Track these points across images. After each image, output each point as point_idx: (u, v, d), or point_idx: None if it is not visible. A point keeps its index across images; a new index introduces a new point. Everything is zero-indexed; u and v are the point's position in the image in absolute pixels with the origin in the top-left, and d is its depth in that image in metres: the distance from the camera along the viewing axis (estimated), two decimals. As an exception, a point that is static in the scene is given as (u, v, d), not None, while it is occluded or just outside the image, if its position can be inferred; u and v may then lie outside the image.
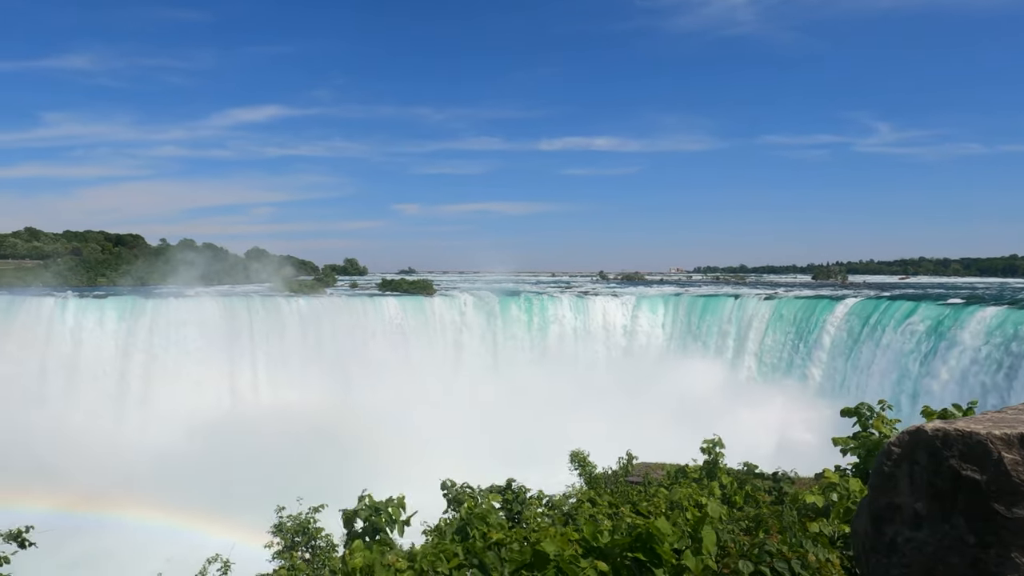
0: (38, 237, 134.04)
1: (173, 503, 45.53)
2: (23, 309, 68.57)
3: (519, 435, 49.04)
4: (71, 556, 8.55)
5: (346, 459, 46.54)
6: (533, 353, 71.48)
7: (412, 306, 75.22)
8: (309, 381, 65.44)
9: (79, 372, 65.60)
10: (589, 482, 17.95)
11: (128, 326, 67.85)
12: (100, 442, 57.37)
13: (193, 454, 52.33)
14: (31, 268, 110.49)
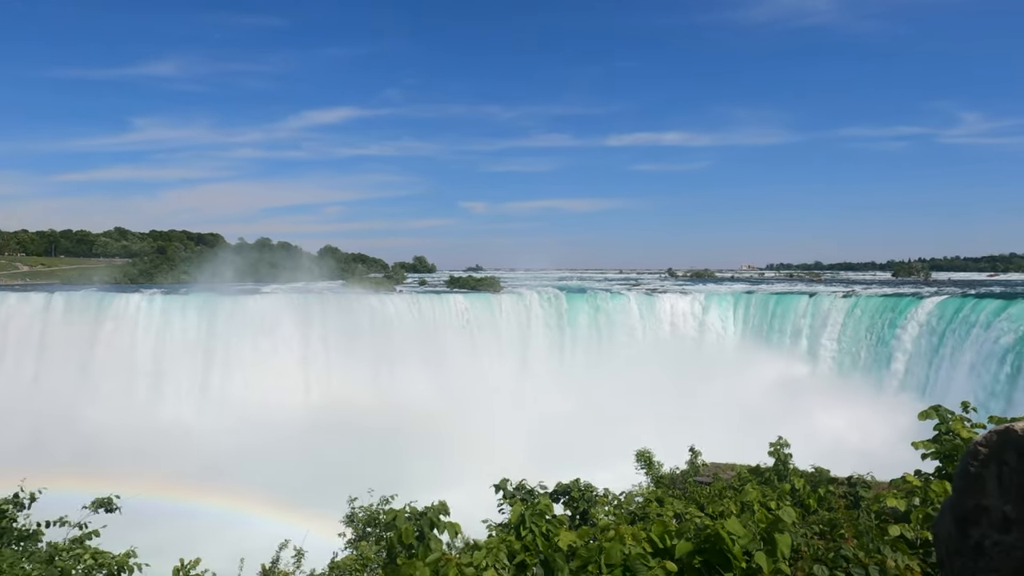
0: (126, 236, 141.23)
1: (249, 492, 47.21)
2: (113, 305, 72.41)
3: (584, 433, 48.80)
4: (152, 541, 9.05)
5: (414, 454, 47.30)
6: (599, 351, 70.99)
7: (479, 303, 75.77)
8: (378, 377, 66.81)
9: (163, 365, 68.81)
10: (656, 482, 17.73)
11: (208, 322, 70.77)
12: (182, 432, 60.04)
13: (268, 445, 54.14)
14: (120, 266, 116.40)
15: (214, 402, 65.85)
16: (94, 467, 44.09)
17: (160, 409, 65.86)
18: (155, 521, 34.55)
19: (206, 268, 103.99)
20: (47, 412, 64.96)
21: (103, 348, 69.83)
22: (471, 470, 24.43)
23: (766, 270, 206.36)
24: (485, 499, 11.40)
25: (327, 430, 54.70)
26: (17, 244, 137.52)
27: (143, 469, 48.10)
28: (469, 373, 65.42)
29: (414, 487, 12.40)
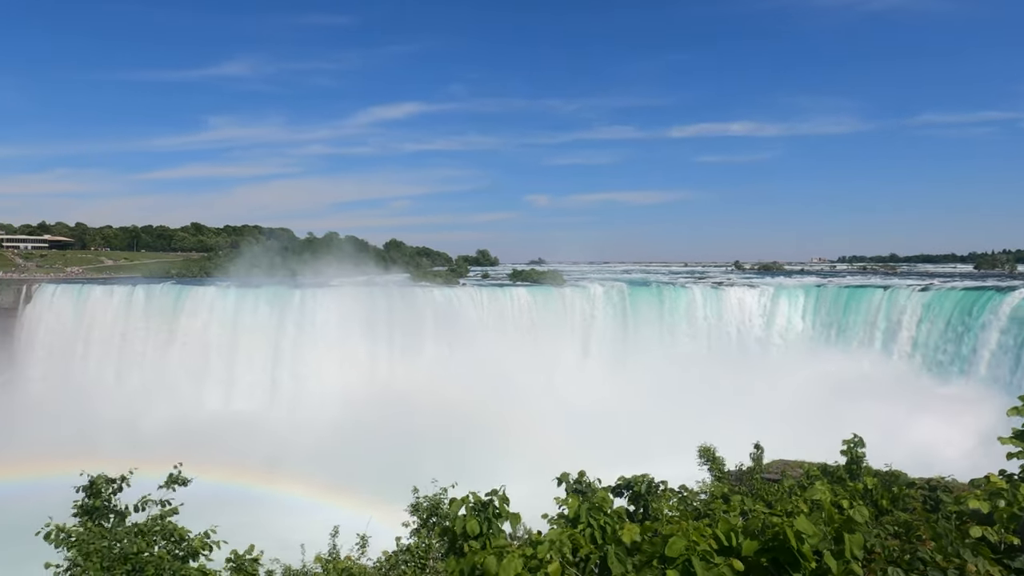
0: (202, 232, 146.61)
1: (315, 479, 48.57)
2: (189, 297, 75.46)
3: (648, 427, 48.30)
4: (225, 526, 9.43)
5: (476, 444, 47.73)
6: (663, 344, 70.04)
7: (542, 296, 75.80)
8: (443, 368, 67.59)
9: (235, 356, 71.38)
10: (720, 478, 17.43)
11: (279, 314, 73.05)
12: (252, 420, 62.18)
13: (336, 435, 55.53)
14: (196, 260, 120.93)
15: (282, 392, 67.93)
16: (168, 452, 45.93)
17: (232, 398, 68.36)
18: (226, 505, 35.86)
19: (277, 262, 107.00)
20: (127, 399, 68.18)
21: (179, 338, 72.89)
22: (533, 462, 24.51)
23: (838, 263, 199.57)
24: (546, 491, 11.40)
25: (391, 420, 55.72)
26: (102, 239, 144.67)
27: (215, 455, 49.96)
28: (531, 366, 65.53)
29: (475, 477, 12.49)
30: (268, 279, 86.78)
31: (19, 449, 54.14)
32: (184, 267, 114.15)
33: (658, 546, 6.37)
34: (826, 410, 47.24)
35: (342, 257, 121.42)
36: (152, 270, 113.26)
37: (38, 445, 54.15)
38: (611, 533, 8.37)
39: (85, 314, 76.11)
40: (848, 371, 59.45)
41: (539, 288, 79.31)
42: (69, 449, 49.64)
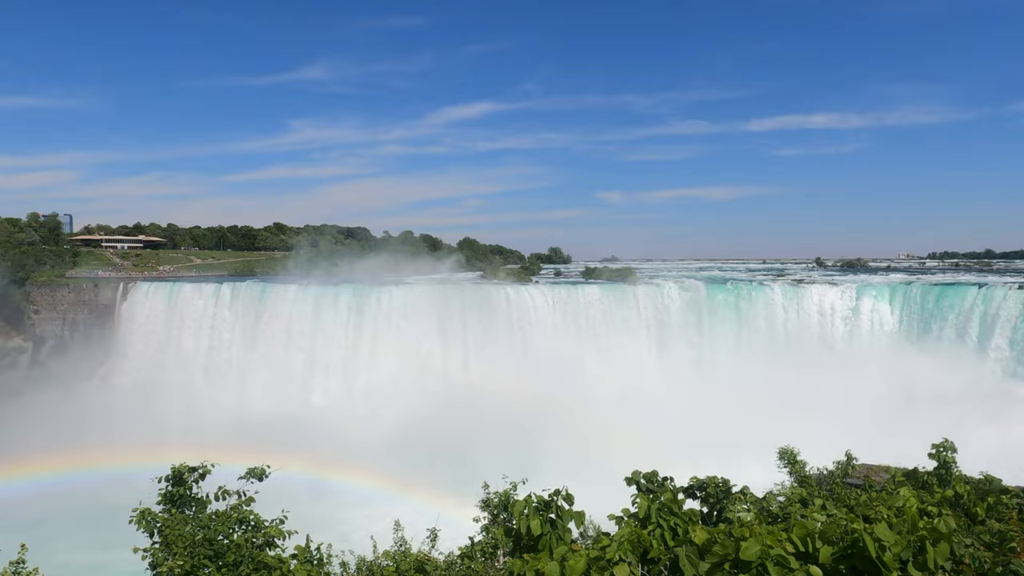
0: (284, 231, 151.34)
1: (390, 471, 49.59)
2: (272, 294, 78.31)
3: (722, 428, 47.27)
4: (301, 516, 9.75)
5: (547, 440, 47.81)
6: (740, 343, 68.25)
7: (614, 294, 75.16)
8: (515, 364, 67.95)
9: (315, 351, 73.66)
10: (800, 481, 16.85)
11: (356, 311, 75.00)
12: (331, 414, 64.01)
13: (409, 428, 56.60)
14: (279, 259, 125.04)
15: (359, 386, 69.64)
16: (250, 444, 47.85)
17: (311, 392, 70.56)
18: (303, 496, 37.09)
19: (354, 260, 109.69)
20: (212, 392, 71.32)
21: (262, 334, 75.73)
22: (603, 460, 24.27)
23: (927, 259, 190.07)
24: (616, 490, 11.30)
25: (463, 415, 56.40)
26: (192, 239, 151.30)
27: (294, 447, 51.66)
28: (603, 364, 65.13)
29: (546, 474, 12.47)
30: (346, 277, 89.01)
31: (114, 438, 57.41)
32: (267, 265, 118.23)
33: (731, 549, 6.20)
34: (913, 413, 45.21)
35: (417, 255, 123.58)
36: (237, 268, 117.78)
37: (131, 435, 57.28)
38: (682, 534, 8.21)
39: (176, 310, 80.00)
40: (938, 373, 56.55)
41: (612, 286, 78.63)
42: (158, 439, 52.39)
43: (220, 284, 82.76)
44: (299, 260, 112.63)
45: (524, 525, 8.78)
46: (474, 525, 13.00)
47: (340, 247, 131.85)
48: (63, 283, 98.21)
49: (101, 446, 55.53)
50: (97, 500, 41.55)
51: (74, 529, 41.08)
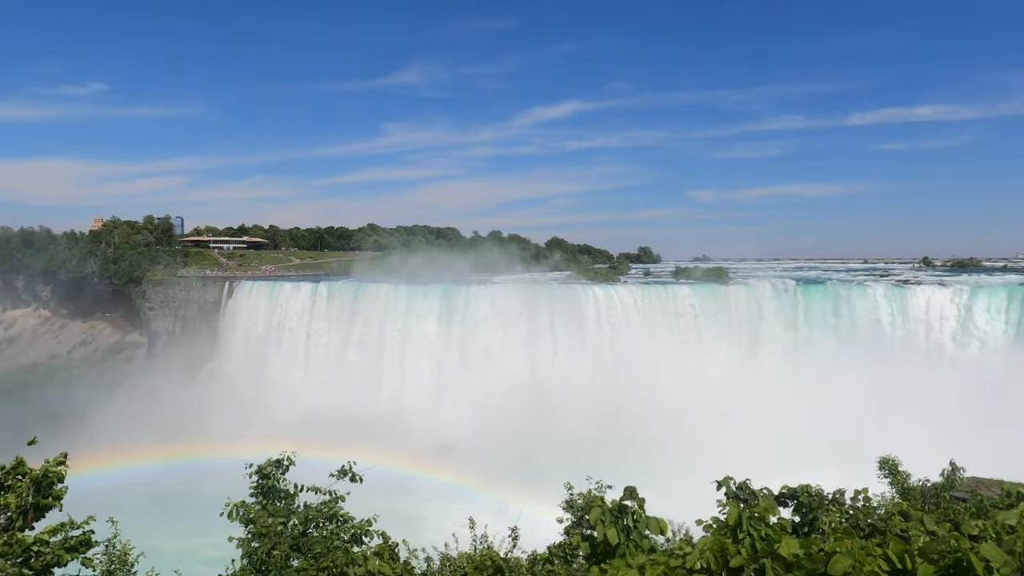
0: (377, 232, 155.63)
1: (476, 468, 50.16)
2: (366, 294, 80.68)
3: (817, 434, 45.44)
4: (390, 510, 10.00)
5: (634, 442, 47.20)
6: (839, 346, 65.17)
7: (705, 294, 73.48)
8: (601, 365, 67.49)
9: (407, 349, 75.36)
10: (901, 493, 15.94)
11: (446, 310, 76.29)
12: (421, 411, 65.35)
13: (496, 427, 57.07)
14: (372, 258, 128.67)
15: (447, 384, 70.75)
16: (343, 440, 49.43)
17: (402, 389, 72.18)
18: (391, 491, 37.97)
19: (444, 260, 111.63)
20: (310, 387, 74.07)
21: (356, 332, 78.12)
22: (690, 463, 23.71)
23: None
24: (704, 495, 11.02)
25: (550, 414, 56.45)
26: (291, 240, 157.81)
27: (385, 443, 53.08)
28: (693, 364, 63.77)
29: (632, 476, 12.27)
30: (436, 277, 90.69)
31: (215, 430, 60.54)
32: (361, 265, 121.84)
33: (820, 563, 5.93)
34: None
35: (505, 255, 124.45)
36: (333, 268, 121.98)
37: (230, 427, 60.28)
38: (772, 545, 7.92)
39: (276, 308, 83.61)
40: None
41: (703, 285, 76.91)
42: (255, 432, 54.88)
43: (317, 283, 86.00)
44: (392, 260, 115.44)
45: (601, 533, 8.67)
46: (556, 526, 12.97)
47: (431, 247, 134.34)
48: (175, 282, 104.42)
49: (203, 437, 58.73)
50: (194, 488, 43.97)
51: (169, 516, 43.55)
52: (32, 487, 7.53)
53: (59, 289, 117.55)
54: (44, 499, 7.57)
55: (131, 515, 11.59)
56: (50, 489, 7.63)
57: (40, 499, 7.54)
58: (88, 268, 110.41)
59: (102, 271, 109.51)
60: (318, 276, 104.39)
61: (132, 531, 11.36)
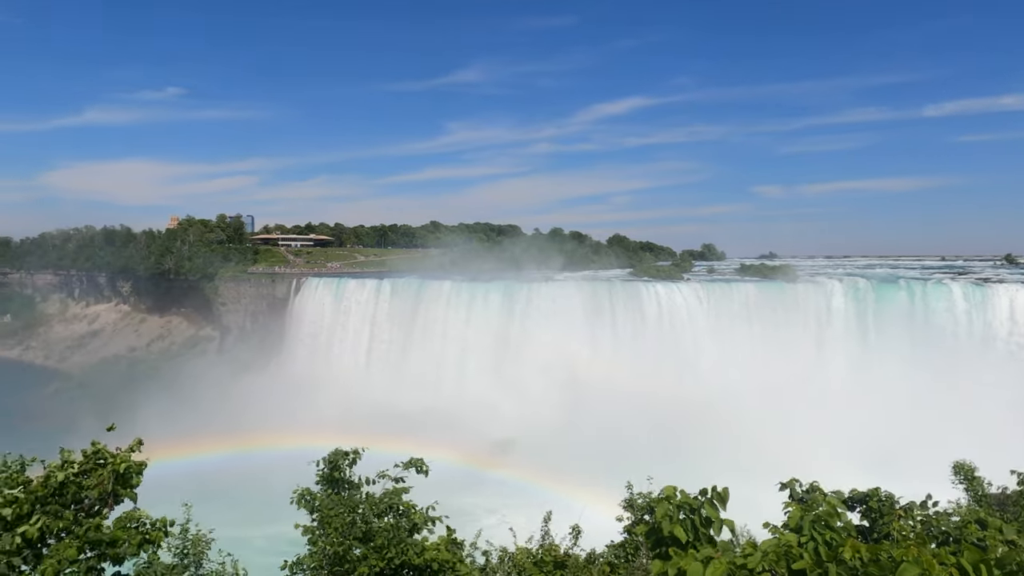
0: (439, 229, 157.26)
1: (536, 464, 50.27)
2: (428, 290, 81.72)
3: (889, 437, 43.88)
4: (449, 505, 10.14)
5: (695, 441, 46.47)
6: (913, 347, 62.50)
7: (771, 292, 71.75)
8: (664, 363, 66.63)
9: (468, 345, 76.04)
10: (978, 501, 15.27)
11: (507, 306, 76.67)
12: (481, 406, 65.73)
13: (557, 423, 57.10)
14: (435, 256, 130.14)
15: (509, 379, 71.00)
16: (406, 433, 50.22)
17: (464, 384, 72.79)
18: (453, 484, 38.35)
19: (506, 257, 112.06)
20: (374, 381, 75.45)
21: (419, 327, 79.26)
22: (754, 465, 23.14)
23: None
24: (767, 497, 10.79)
25: (611, 411, 56.07)
26: (356, 237, 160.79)
27: (447, 436, 53.63)
28: (758, 364, 62.28)
29: (692, 476, 12.14)
30: (497, 274, 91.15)
31: (282, 422, 62.30)
32: (424, 262, 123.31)
33: (887, 570, 5.78)
34: None
35: (566, 252, 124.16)
36: (396, 265, 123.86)
37: (296, 419, 61.96)
38: (836, 550, 7.75)
39: (341, 304, 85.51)
40: None
41: (769, 284, 75.15)
42: (320, 424, 56.19)
43: (381, 280, 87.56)
44: (453, 257, 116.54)
45: (667, 529, 8.56)
46: (615, 524, 12.94)
47: (492, 244, 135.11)
48: (245, 278, 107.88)
49: (269, 429, 60.54)
50: (256, 479, 45.33)
51: (230, 505, 44.90)
52: (111, 474, 7.82)
53: (138, 285, 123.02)
54: (122, 487, 7.86)
55: (195, 503, 12.08)
56: (128, 478, 7.93)
57: (118, 487, 7.84)
58: (165, 265, 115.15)
59: (177, 268, 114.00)
60: (382, 273, 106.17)
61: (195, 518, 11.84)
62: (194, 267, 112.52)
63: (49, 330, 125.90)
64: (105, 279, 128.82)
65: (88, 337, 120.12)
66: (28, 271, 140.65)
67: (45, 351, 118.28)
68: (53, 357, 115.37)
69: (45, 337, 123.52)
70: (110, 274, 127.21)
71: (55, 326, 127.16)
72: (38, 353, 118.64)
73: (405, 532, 9.71)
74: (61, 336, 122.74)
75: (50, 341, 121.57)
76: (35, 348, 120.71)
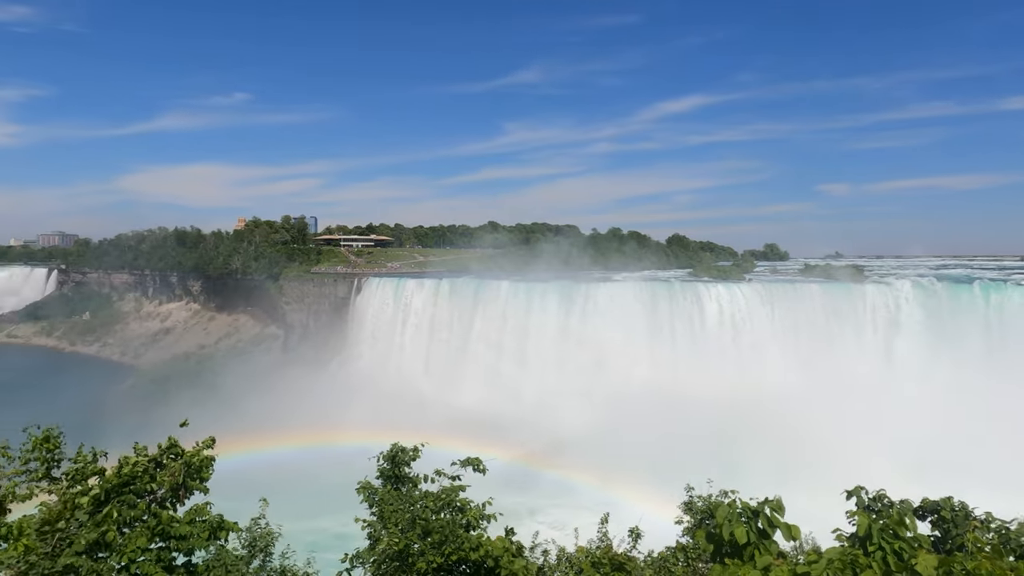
0: (497, 229, 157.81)
1: (594, 465, 49.98)
2: (486, 290, 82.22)
3: (965, 445, 41.95)
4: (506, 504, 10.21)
5: (758, 445, 45.41)
6: (989, 352, 59.54)
7: (838, 293, 69.64)
8: (724, 365, 65.46)
9: (527, 345, 76.16)
10: (1061, 513, 14.51)
11: (565, 307, 76.51)
12: (541, 408, 65.75)
13: (615, 423, 56.60)
14: (492, 256, 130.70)
15: (567, 379, 70.80)
16: (464, 431, 50.63)
17: (521, 384, 72.86)
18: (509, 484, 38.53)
19: (563, 257, 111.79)
20: (433, 379, 76.31)
21: (477, 326, 79.82)
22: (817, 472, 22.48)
23: None
24: (835, 504, 10.50)
25: (669, 413, 55.31)
26: (415, 238, 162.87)
27: (504, 435, 53.86)
28: (824, 367, 60.47)
29: (751, 479, 11.88)
30: (555, 273, 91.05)
31: (345, 418, 63.57)
32: (482, 262, 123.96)
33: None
34: None
35: (624, 252, 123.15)
36: (455, 265, 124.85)
37: (357, 416, 63.10)
38: (907, 561, 7.51)
39: (401, 304, 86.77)
40: None
41: (835, 284, 72.95)
42: (381, 421, 57.10)
43: (440, 280, 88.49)
44: (511, 257, 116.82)
45: (727, 532, 8.41)
46: (674, 527, 12.79)
47: (550, 244, 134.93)
48: (309, 278, 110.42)
49: (330, 426, 61.88)
50: (312, 474, 46.25)
51: (285, 499, 45.82)
52: (183, 468, 8.13)
53: (207, 284, 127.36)
54: (192, 480, 8.17)
55: (255, 497, 12.46)
56: (199, 471, 8.24)
57: (189, 480, 8.15)
58: (232, 265, 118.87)
59: (244, 268, 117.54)
60: (440, 273, 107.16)
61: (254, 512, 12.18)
62: (260, 267, 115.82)
63: (125, 327, 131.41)
64: (177, 278, 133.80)
65: (161, 334, 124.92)
66: (106, 271, 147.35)
67: (121, 347, 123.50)
68: (128, 353, 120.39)
69: (121, 334, 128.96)
70: (181, 274, 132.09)
71: (130, 324, 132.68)
72: (115, 349, 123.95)
73: (462, 528, 9.82)
74: (136, 333, 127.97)
75: (126, 338, 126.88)
76: (112, 345, 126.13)
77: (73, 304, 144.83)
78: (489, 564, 9.46)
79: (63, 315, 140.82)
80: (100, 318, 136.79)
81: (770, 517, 8.57)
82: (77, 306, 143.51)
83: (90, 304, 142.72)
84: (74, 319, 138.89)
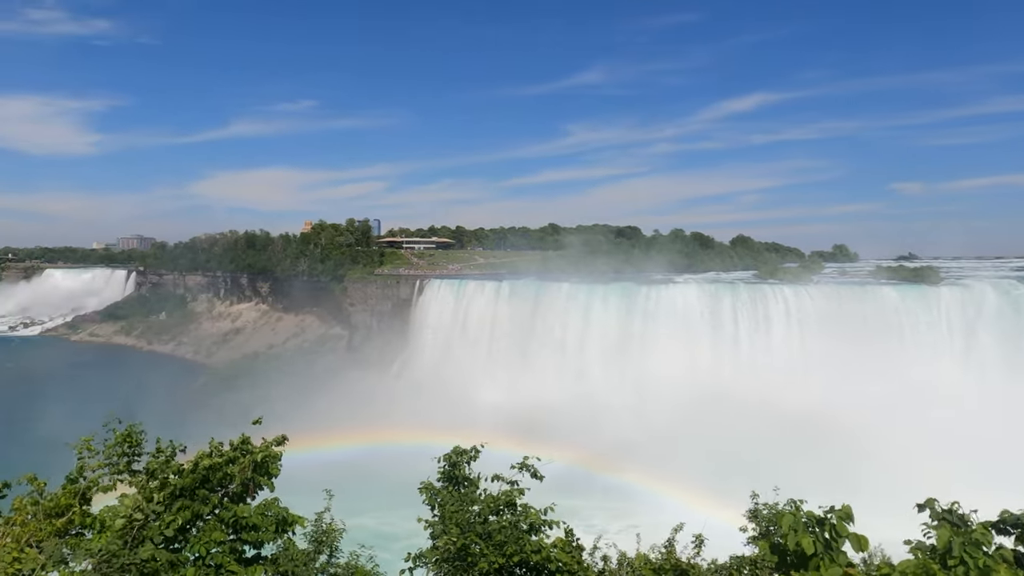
0: (558, 231, 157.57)
1: (655, 469, 49.37)
2: (546, 292, 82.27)
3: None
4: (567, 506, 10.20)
5: (827, 452, 44.13)
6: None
7: (913, 296, 67.01)
8: (790, 369, 63.78)
9: (586, 347, 75.88)
10: None
11: (626, 309, 75.88)
12: (599, 409, 65.35)
13: (677, 428, 55.78)
14: (553, 258, 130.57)
15: (628, 383, 70.18)
16: (524, 432, 50.63)
17: (583, 386, 72.62)
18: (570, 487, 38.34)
19: (625, 259, 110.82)
20: (495, 380, 76.64)
21: (538, 330, 79.90)
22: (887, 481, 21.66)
23: None
24: (900, 515, 10.12)
25: (732, 418, 54.24)
26: (476, 240, 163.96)
27: (565, 438, 53.63)
28: (898, 373, 58.28)
29: (823, 488, 11.55)
30: (616, 276, 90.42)
31: (410, 418, 64.47)
32: (543, 264, 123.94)
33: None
34: None
35: (687, 253, 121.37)
36: (515, 267, 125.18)
37: (418, 416, 63.92)
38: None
39: (461, 305, 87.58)
40: None
41: (909, 287, 70.24)
42: (440, 422, 57.69)
43: (500, 282, 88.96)
44: (572, 259, 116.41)
45: (793, 542, 8.19)
46: (739, 535, 12.51)
47: (611, 246, 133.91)
48: (372, 280, 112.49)
49: (392, 425, 62.81)
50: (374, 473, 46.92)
51: (345, 496, 46.52)
52: (252, 464, 8.41)
53: (275, 286, 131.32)
54: (262, 476, 8.44)
55: (312, 493, 12.78)
56: (268, 467, 8.51)
57: (258, 476, 8.42)
58: (299, 267, 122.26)
59: (310, 270, 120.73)
60: (501, 275, 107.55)
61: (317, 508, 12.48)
62: (325, 269, 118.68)
63: (198, 327, 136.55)
64: (246, 280, 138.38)
65: (231, 334, 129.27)
66: (180, 272, 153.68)
67: (195, 346, 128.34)
68: (201, 352, 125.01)
69: (195, 334, 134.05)
70: (251, 275, 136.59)
71: (203, 323, 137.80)
72: (188, 348, 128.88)
73: (523, 531, 9.86)
74: (208, 332, 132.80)
75: (199, 337, 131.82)
76: (186, 344, 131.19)
77: (150, 304, 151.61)
78: (551, 568, 9.48)
79: (141, 315, 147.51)
80: (175, 318, 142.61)
81: (837, 527, 8.30)
82: (154, 306, 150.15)
83: (166, 304, 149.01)
84: (151, 319, 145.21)
